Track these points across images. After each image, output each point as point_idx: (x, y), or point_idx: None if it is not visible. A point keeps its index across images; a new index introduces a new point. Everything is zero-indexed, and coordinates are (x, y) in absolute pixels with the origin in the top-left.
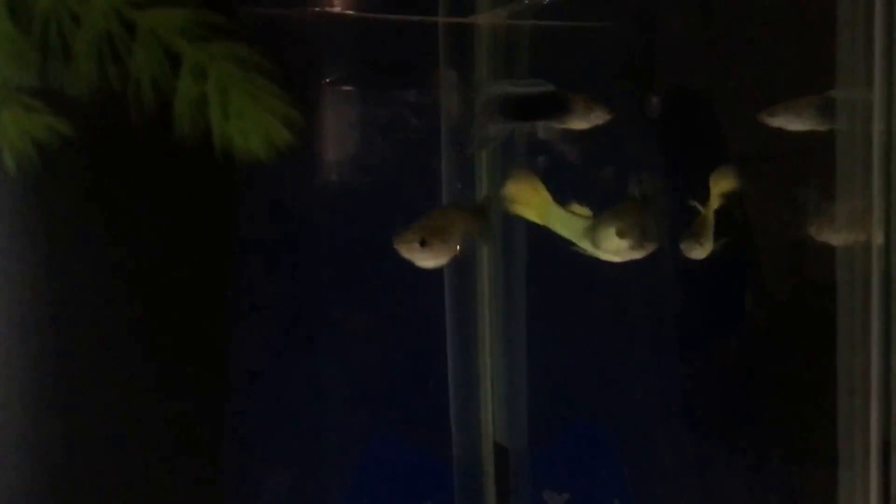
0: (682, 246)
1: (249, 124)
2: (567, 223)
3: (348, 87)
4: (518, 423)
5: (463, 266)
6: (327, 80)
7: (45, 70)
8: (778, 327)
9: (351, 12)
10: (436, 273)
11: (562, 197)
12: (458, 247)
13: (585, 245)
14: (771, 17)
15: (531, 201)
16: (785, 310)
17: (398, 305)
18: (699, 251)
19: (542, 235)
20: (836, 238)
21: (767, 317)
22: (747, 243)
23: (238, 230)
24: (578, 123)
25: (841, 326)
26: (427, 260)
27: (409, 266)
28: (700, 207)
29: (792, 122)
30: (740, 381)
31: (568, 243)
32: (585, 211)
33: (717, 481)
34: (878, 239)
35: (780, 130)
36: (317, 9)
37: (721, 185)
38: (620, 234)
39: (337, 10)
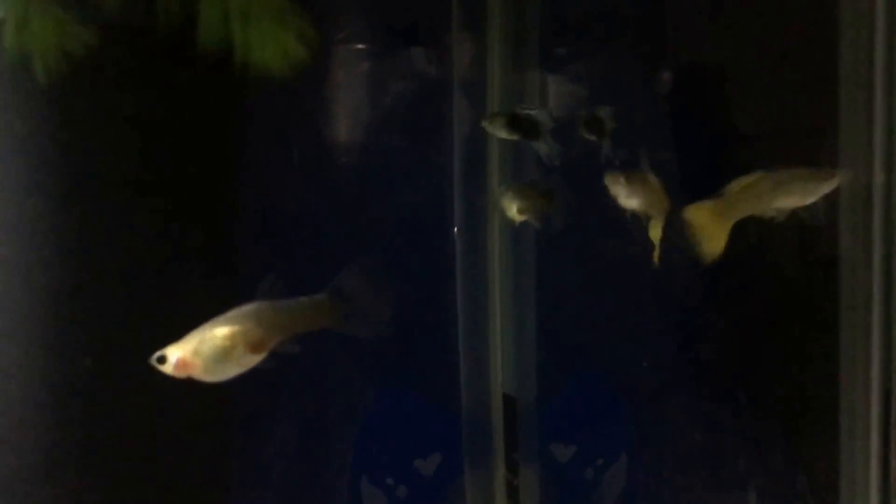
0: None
1: (268, 38)
2: None
3: (358, 46)
4: (526, 375)
5: (473, 221)
6: (338, 38)
7: None
8: (784, 280)
9: None
10: (447, 228)
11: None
12: (250, 357)
13: None
14: None
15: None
16: (790, 264)
17: (410, 259)
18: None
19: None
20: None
21: (774, 271)
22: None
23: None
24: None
25: (844, 278)
26: (179, 375)
27: (421, 221)
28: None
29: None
30: (747, 337)
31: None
32: None
33: (722, 436)
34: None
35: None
36: None
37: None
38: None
39: None
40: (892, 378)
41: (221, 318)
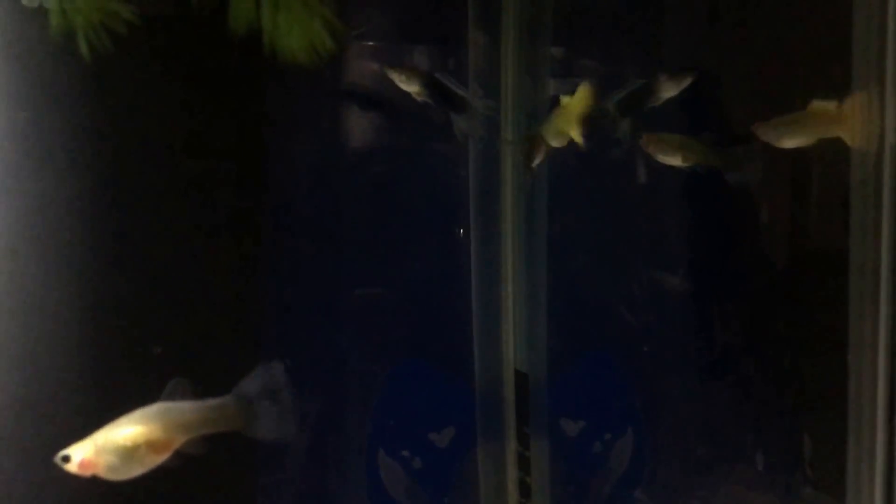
0: None
1: (295, 25)
2: None
3: (374, 43)
4: (538, 351)
5: (487, 200)
6: (354, 35)
7: None
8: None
9: None
10: (462, 207)
11: None
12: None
13: None
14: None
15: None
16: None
17: (425, 237)
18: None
19: (564, 170)
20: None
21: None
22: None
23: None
24: None
25: (853, 256)
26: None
27: (435, 200)
28: None
29: None
30: (754, 314)
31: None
32: None
33: (727, 412)
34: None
35: None
36: None
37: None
38: None
39: None
40: None
41: (125, 418)
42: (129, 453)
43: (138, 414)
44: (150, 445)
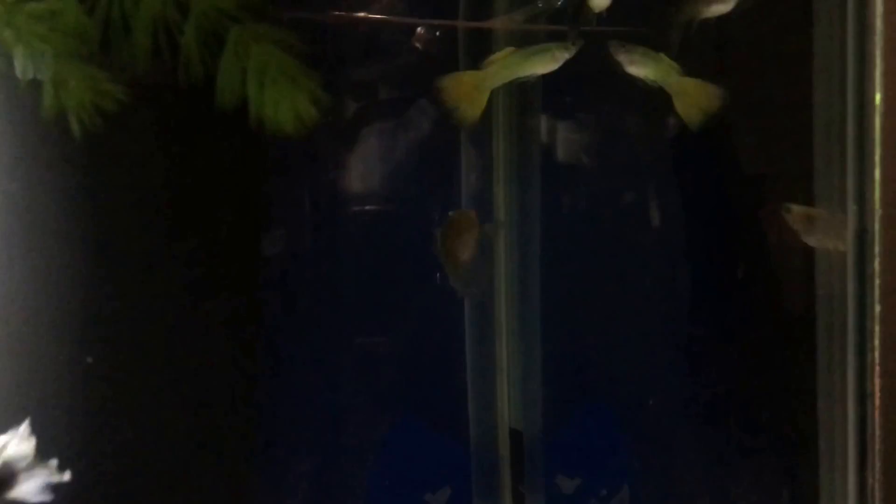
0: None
1: (281, 98)
2: None
3: (366, 96)
4: (532, 408)
5: (481, 255)
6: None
7: (106, 44)
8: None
9: (370, 16)
10: None
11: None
12: None
13: None
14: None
15: None
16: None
17: (419, 298)
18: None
19: (557, 223)
20: None
21: (774, 308)
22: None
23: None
24: None
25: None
26: None
27: (430, 262)
28: None
29: None
30: (748, 370)
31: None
32: None
33: (722, 466)
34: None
35: None
36: (335, 13)
37: None
38: None
39: (357, 14)
40: (867, 404)
41: None
42: None
43: None
44: None
